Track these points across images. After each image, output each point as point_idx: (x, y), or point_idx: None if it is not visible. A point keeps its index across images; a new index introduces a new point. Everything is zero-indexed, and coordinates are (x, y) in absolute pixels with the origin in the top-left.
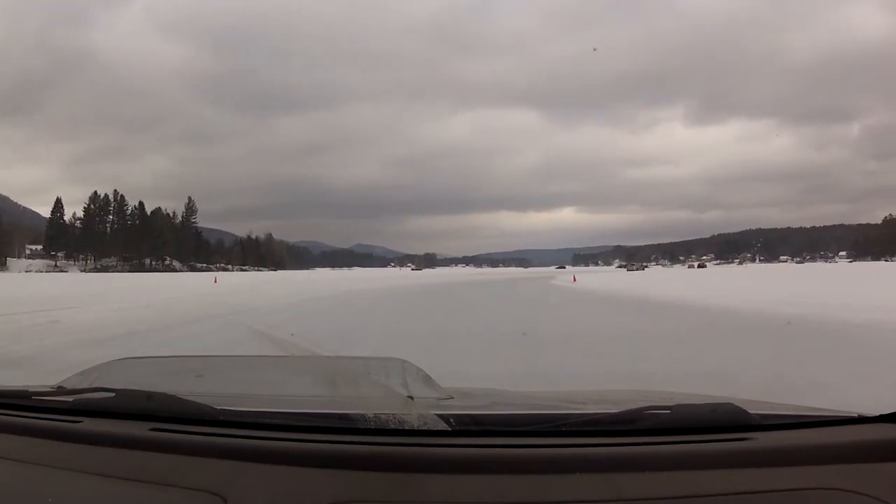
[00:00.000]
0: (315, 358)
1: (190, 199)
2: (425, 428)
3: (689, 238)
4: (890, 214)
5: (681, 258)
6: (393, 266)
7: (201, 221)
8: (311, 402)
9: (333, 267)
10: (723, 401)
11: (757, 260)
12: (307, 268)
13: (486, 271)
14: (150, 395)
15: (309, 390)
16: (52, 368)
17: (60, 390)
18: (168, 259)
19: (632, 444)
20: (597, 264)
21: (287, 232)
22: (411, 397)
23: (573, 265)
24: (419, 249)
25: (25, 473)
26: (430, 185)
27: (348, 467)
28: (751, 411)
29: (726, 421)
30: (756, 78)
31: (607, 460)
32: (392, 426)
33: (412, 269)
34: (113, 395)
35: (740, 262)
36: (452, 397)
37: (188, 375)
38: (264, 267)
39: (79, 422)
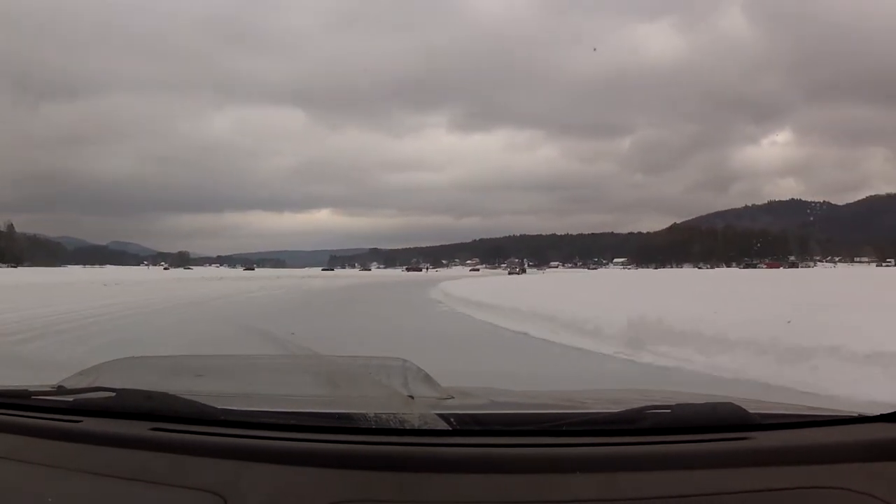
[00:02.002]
0: (315, 357)
1: None
2: (426, 427)
3: (448, 243)
4: (675, 223)
5: (444, 262)
6: (146, 265)
7: None
8: (311, 402)
9: (86, 265)
10: (723, 400)
11: (527, 265)
12: (59, 265)
13: (256, 275)
14: (150, 395)
15: (309, 390)
16: None
17: (61, 390)
18: None
19: (632, 444)
20: (353, 266)
21: (44, 226)
22: (412, 397)
23: (329, 267)
24: (175, 248)
25: (26, 473)
26: (190, 181)
27: (349, 467)
28: (751, 411)
29: (726, 420)
30: (527, 89)
31: (608, 460)
32: (393, 426)
33: (164, 269)
34: (113, 394)
35: (509, 270)
36: (453, 397)
37: (188, 375)
38: (3, 263)
39: (79, 421)
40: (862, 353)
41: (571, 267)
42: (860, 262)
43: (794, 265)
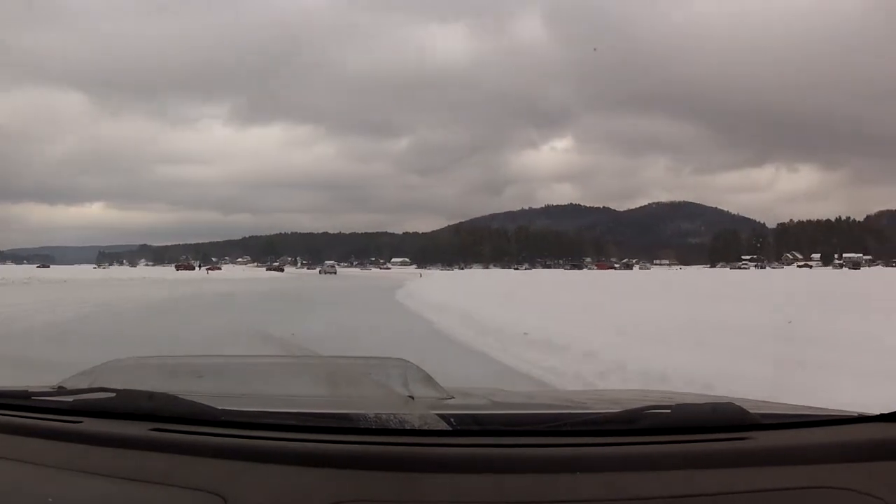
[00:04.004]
0: (315, 358)
1: None
2: (426, 427)
3: (219, 239)
4: (461, 222)
5: (213, 259)
6: None
7: None
8: (311, 402)
9: None
10: (723, 400)
11: (299, 263)
12: None
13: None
14: (150, 395)
15: (309, 390)
16: None
17: (61, 390)
18: None
19: (632, 444)
20: (122, 264)
21: None
22: (412, 397)
23: (97, 265)
24: None
25: (26, 473)
26: None
27: (349, 467)
28: (751, 411)
29: (726, 420)
30: (310, 83)
31: (608, 460)
32: (393, 426)
33: None
34: (113, 395)
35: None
36: (453, 397)
37: (188, 375)
38: None
39: (79, 422)
40: None
41: (348, 266)
42: (660, 264)
43: (628, 266)
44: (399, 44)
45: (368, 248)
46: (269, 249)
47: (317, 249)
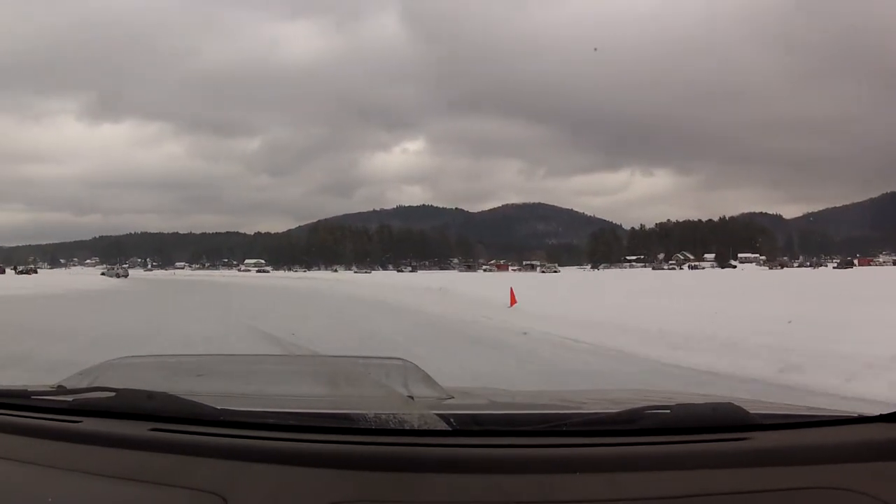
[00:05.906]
0: (315, 357)
1: None
2: (425, 428)
3: (69, 240)
4: (310, 223)
5: (62, 261)
6: None
7: None
8: (311, 402)
9: None
10: (723, 400)
11: (149, 265)
12: None
13: None
14: (150, 395)
15: (309, 390)
16: None
17: (60, 390)
18: None
19: (632, 444)
20: None
21: None
22: (412, 397)
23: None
24: None
25: (25, 473)
26: None
27: (348, 467)
28: (751, 411)
29: (726, 420)
30: (159, 79)
31: (607, 460)
32: (392, 426)
33: None
34: (113, 394)
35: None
36: (453, 397)
37: (188, 375)
38: None
39: (79, 421)
40: None
41: (199, 268)
42: (532, 265)
43: (532, 268)
44: (252, 41)
45: (221, 249)
46: (118, 250)
47: (166, 250)
